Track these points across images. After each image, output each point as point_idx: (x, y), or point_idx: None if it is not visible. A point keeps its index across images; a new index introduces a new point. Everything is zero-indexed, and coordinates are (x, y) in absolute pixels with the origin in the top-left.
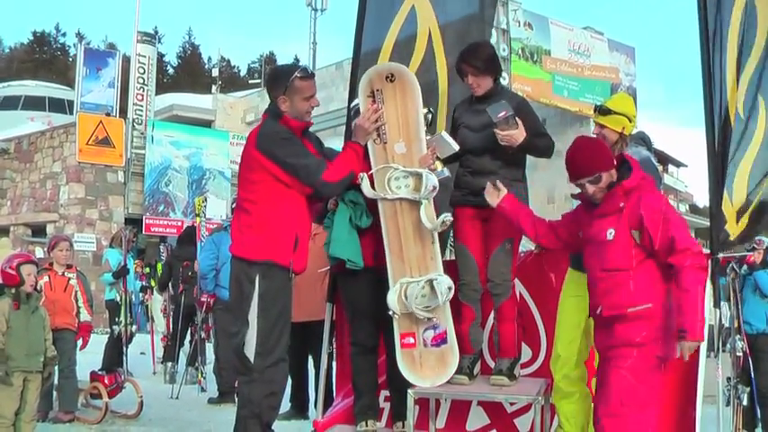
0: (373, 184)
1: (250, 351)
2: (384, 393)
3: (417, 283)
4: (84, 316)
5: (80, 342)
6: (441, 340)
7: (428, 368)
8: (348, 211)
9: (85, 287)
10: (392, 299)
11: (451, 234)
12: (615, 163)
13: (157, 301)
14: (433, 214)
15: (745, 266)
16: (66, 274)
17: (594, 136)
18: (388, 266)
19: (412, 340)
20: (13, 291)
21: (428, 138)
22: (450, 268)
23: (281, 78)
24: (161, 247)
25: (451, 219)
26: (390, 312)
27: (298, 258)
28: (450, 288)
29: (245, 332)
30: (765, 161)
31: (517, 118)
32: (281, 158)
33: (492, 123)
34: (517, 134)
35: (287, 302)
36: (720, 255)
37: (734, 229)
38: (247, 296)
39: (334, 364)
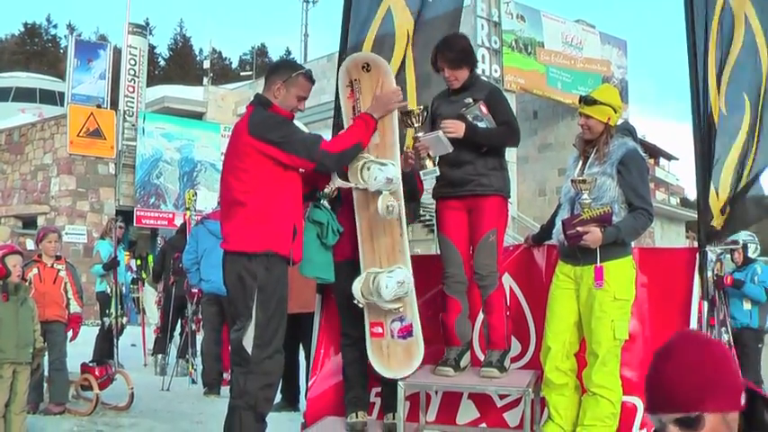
0: (346, 174)
1: (248, 343)
2: (375, 390)
3: (383, 272)
4: (74, 307)
5: (70, 334)
6: (407, 333)
7: (395, 360)
8: (315, 229)
9: (75, 279)
10: (356, 287)
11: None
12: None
13: (151, 293)
14: (391, 203)
15: (732, 264)
16: (55, 265)
17: (579, 127)
18: (360, 255)
19: (380, 330)
20: (0, 283)
21: (423, 135)
22: (436, 261)
23: (287, 68)
24: (158, 238)
25: (395, 205)
26: (354, 301)
27: (296, 248)
28: (400, 283)
29: (246, 326)
30: (749, 156)
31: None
32: (276, 139)
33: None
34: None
35: (285, 293)
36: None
37: (718, 220)
38: (250, 291)
39: None
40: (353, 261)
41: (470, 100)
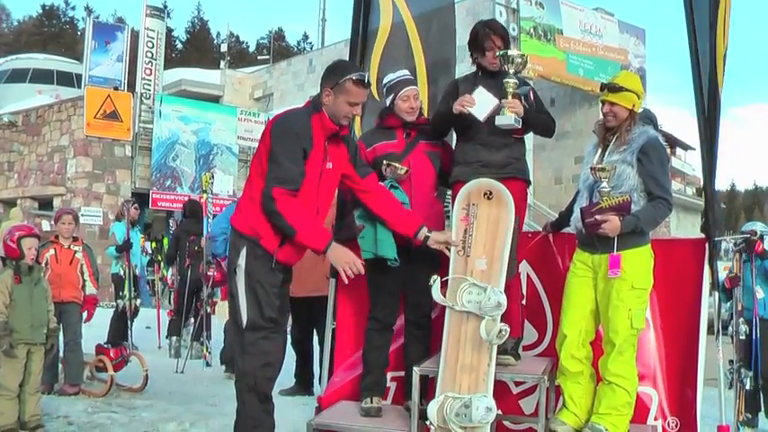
0: (445, 291)
1: (242, 324)
2: (390, 374)
3: (461, 399)
4: (90, 289)
5: (85, 315)
6: None
7: None
8: None
9: (91, 260)
10: (432, 410)
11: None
12: None
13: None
14: (493, 328)
15: (744, 253)
16: (72, 247)
17: (600, 115)
18: (439, 375)
19: None
20: (14, 264)
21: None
22: None
23: (336, 73)
24: (170, 221)
25: (508, 330)
26: (428, 422)
27: (284, 253)
28: (489, 409)
29: (237, 304)
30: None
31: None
32: (274, 145)
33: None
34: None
35: (273, 280)
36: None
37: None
38: (232, 264)
39: None
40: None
41: (524, 88)
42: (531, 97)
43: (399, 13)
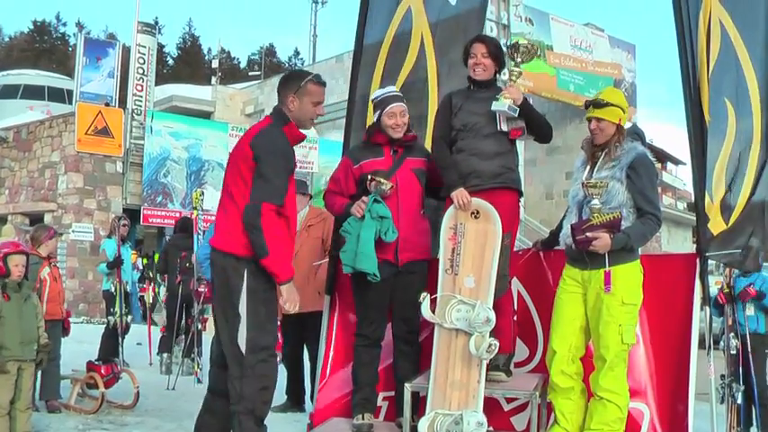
0: (434, 308)
1: (243, 347)
2: (383, 394)
3: (451, 416)
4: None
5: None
6: None
7: None
8: (375, 224)
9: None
10: (423, 426)
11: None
12: None
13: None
14: (482, 343)
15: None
16: (56, 264)
17: (589, 132)
18: (429, 392)
19: None
20: (1, 281)
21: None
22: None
23: (294, 79)
24: (165, 239)
25: (498, 345)
26: None
27: None
28: (479, 424)
29: (237, 326)
30: (738, 161)
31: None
32: (264, 164)
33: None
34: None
35: (274, 298)
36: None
37: (716, 227)
38: (235, 290)
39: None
40: (382, 263)
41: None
42: (531, 101)
43: (410, 21)
